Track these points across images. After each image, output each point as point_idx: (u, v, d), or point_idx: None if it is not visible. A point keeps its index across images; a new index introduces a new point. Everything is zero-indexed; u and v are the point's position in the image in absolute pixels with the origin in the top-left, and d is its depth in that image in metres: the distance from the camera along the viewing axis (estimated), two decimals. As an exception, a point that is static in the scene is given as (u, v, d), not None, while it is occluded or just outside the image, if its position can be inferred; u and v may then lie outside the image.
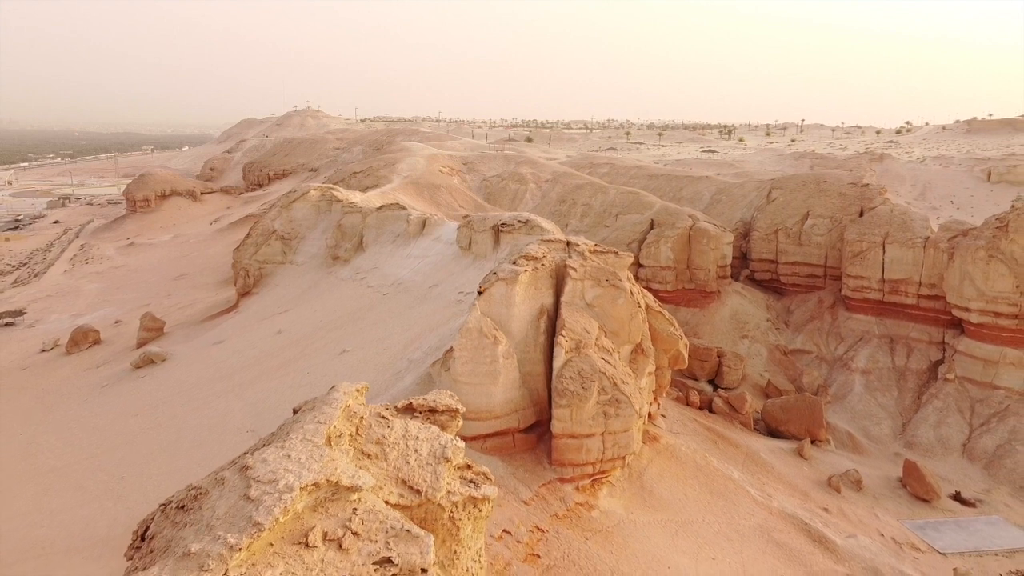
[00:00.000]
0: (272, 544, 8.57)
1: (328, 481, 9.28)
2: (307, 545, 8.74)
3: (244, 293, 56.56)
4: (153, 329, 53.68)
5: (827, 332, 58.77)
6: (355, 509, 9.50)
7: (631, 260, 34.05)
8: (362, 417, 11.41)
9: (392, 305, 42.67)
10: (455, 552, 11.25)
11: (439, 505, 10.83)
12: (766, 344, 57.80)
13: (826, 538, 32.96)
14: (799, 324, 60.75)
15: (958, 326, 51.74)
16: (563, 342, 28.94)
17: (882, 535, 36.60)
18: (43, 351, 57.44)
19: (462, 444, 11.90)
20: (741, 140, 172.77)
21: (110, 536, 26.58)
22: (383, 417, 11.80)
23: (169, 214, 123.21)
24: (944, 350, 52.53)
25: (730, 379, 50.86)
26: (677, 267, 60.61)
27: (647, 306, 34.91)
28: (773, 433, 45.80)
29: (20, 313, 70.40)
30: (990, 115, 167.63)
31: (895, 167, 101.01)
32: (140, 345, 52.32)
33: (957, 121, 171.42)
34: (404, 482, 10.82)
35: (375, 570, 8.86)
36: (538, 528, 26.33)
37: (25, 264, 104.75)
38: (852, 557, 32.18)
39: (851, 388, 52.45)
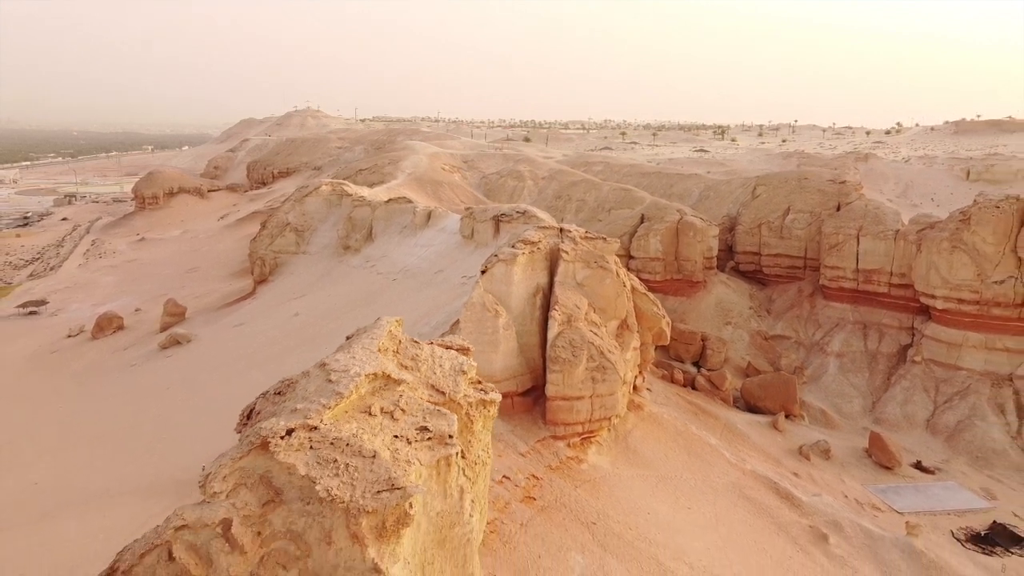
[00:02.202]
0: (347, 411, 12.36)
1: (383, 373, 13.08)
2: (370, 414, 12.52)
3: (260, 281, 60.32)
4: (176, 314, 57.35)
5: (806, 319, 62.69)
6: (400, 395, 13.29)
7: (617, 245, 37.85)
8: (400, 340, 15.21)
9: (401, 289, 46.46)
10: (469, 442, 15.02)
11: (458, 404, 14.60)
12: (748, 330, 61.69)
13: (793, 495, 36.69)
14: (780, 312, 64.66)
15: (925, 312, 55.61)
16: (556, 316, 32.74)
17: (846, 496, 40.41)
18: (70, 336, 61.06)
19: (475, 363, 15.69)
20: (733, 140, 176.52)
21: (158, 482, 30.28)
22: (415, 342, 15.60)
23: (177, 211, 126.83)
24: (913, 335, 56.43)
25: (713, 361, 54.66)
26: (666, 258, 64.42)
27: (633, 288, 38.72)
28: (751, 409, 49.63)
29: (43, 303, 74.00)
30: (978, 116, 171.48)
31: (879, 166, 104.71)
32: (164, 329, 55.95)
33: (946, 122, 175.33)
34: (433, 386, 14.61)
35: (417, 433, 12.63)
36: (534, 476, 30.13)
37: (38, 258, 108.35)
38: (816, 512, 35.89)
39: (826, 369, 56.36)
